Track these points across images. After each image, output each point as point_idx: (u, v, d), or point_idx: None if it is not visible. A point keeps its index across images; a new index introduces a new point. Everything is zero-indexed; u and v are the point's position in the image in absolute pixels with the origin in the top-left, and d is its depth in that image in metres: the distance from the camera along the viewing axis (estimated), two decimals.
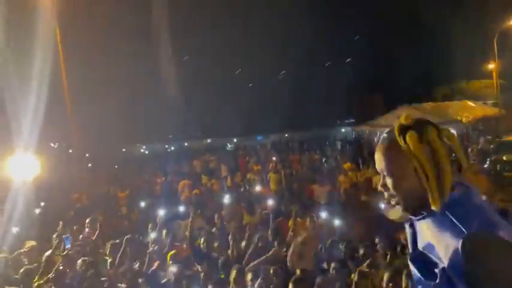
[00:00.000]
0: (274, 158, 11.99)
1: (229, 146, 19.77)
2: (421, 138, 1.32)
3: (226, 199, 7.84)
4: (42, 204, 8.30)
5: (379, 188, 1.44)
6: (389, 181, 1.39)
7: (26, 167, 7.38)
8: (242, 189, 9.56)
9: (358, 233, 5.78)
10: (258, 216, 7.20)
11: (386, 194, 1.42)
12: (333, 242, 5.41)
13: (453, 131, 1.42)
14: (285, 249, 5.39)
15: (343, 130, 19.96)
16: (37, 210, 7.76)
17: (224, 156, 14.70)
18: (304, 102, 22.44)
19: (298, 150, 14.66)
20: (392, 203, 1.42)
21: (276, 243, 5.27)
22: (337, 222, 5.62)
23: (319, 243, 5.53)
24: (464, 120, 14.67)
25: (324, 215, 6.49)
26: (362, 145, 14.59)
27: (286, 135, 20.08)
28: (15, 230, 6.32)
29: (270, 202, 6.88)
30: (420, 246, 1.38)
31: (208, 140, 20.95)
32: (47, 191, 8.58)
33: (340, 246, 4.99)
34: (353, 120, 20.22)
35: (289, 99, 22.28)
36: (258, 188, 9.45)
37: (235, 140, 20.28)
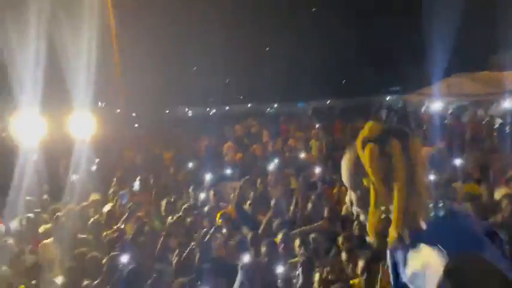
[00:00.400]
0: (317, 125, 11.89)
1: (270, 111, 19.77)
2: (383, 151, 1.21)
3: (272, 164, 7.95)
4: (97, 160, 8.80)
5: (347, 202, 1.36)
6: (353, 196, 1.31)
7: (84, 125, 7.83)
8: (287, 155, 9.63)
9: None
10: (301, 183, 7.28)
11: (354, 210, 1.34)
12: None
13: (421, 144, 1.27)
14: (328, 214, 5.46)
15: (388, 98, 19.34)
16: (93, 167, 8.25)
17: (266, 122, 14.75)
18: (347, 68, 21.75)
19: (341, 118, 14.43)
20: (361, 219, 1.33)
21: (326, 211, 5.34)
22: None
23: None
24: None
25: None
26: (408, 115, 14.12)
27: (328, 101, 19.74)
28: (78, 183, 6.78)
29: (317, 170, 6.90)
30: (406, 277, 1.24)
31: (249, 105, 21.03)
32: (100, 148, 9.04)
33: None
34: (398, 88, 19.48)
35: (331, 65, 21.68)
36: (301, 154, 9.50)
37: (275, 106, 20.25)
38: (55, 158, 8.11)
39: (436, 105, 12.98)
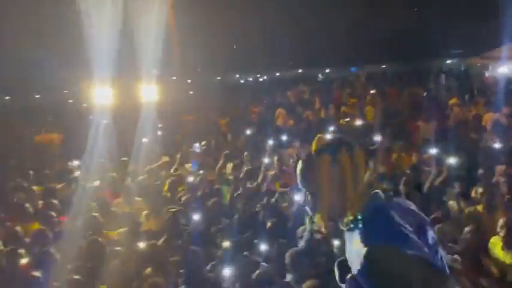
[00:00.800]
0: (372, 91, 11.64)
1: (321, 76, 19.41)
2: (334, 159, 1.41)
3: (328, 131, 8.02)
4: (160, 125, 9.34)
5: (302, 203, 1.55)
6: (309, 199, 1.50)
7: (148, 92, 8.32)
8: (341, 121, 9.62)
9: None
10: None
11: (308, 210, 1.53)
12: (444, 180, 5.39)
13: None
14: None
15: (448, 62, 18.20)
16: (159, 131, 8.79)
17: (318, 88, 14.62)
18: (403, 30, 20.50)
19: (397, 83, 13.97)
20: (313, 217, 1.52)
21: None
22: (450, 160, 5.49)
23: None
24: None
25: (432, 151, 6.38)
26: (471, 79, 13.35)
27: (383, 66, 18.92)
28: (149, 146, 7.32)
29: (376, 137, 6.89)
30: (346, 253, 1.49)
31: (300, 70, 20.69)
32: (163, 114, 9.53)
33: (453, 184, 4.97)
34: (460, 51, 18.24)
35: (386, 26, 20.55)
36: (356, 121, 9.45)
37: (327, 71, 19.77)
38: (125, 123, 8.67)
39: (503, 70, 12.14)
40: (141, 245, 4.31)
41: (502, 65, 12.07)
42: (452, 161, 5.44)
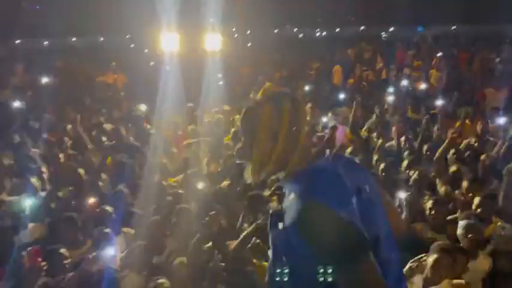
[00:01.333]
0: (439, 54, 11.04)
1: (384, 35, 18.48)
2: (277, 109, 1.39)
3: (389, 92, 7.85)
4: (220, 75, 9.53)
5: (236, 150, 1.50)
6: (240, 143, 1.43)
7: (211, 42, 8.50)
8: (402, 83, 9.31)
9: None
10: (421, 115, 7.16)
11: (236, 156, 1.47)
12: (504, 152, 5.21)
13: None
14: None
15: None
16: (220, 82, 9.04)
17: (380, 47, 14.02)
18: None
19: (468, 47, 13.05)
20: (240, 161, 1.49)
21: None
22: None
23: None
24: None
25: (500, 120, 6.13)
26: None
27: (453, 28, 17.61)
28: (211, 94, 7.60)
29: (439, 102, 6.67)
30: (283, 204, 1.43)
31: (362, 28, 19.76)
32: (223, 64, 9.69)
33: None
34: None
35: None
36: (419, 84, 9.12)
37: (391, 30, 18.72)
38: (188, 70, 8.96)
39: None
40: (206, 187, 4.56)
41: None
42: None
